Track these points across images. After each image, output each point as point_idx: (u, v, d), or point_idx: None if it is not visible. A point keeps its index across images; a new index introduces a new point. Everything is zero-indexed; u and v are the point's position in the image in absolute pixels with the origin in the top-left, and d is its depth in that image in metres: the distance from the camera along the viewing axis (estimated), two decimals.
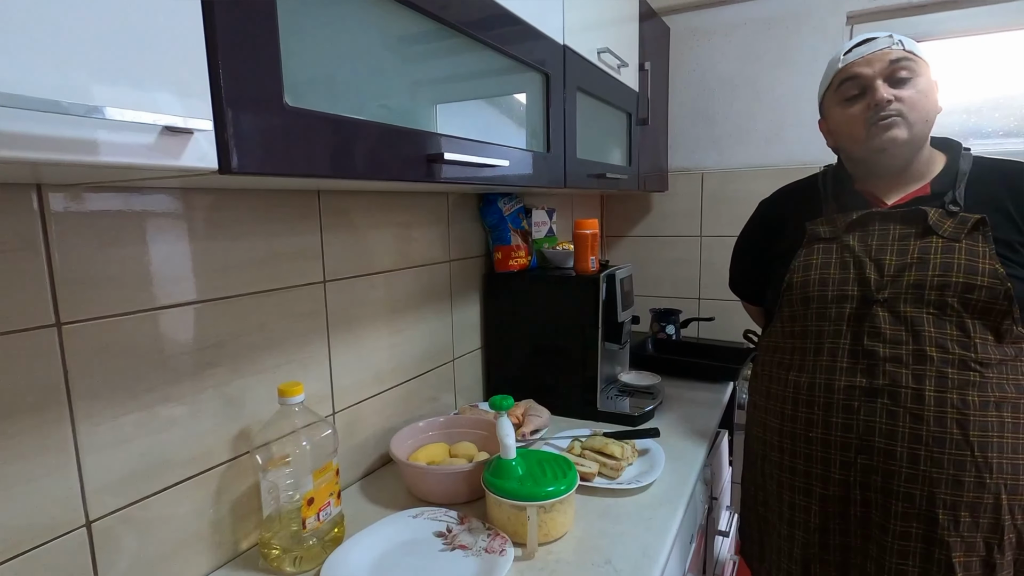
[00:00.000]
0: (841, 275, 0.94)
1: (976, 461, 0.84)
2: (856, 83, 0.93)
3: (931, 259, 0.88)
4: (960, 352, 0.85)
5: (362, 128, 0.62)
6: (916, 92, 0.90)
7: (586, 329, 1.32)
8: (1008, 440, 0.84)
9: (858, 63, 0.93)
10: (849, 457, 0.91)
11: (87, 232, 0.66)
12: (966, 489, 0.84)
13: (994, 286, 0.83)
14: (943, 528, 0.85)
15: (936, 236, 0.89)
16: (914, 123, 0.90)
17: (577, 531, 0.90)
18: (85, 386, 0.66)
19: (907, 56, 0.90)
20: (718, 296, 2.06)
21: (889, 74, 0.90)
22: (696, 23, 1.98)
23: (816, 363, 0.96)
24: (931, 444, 0.85)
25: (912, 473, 0.86)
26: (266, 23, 0.51)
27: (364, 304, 1.08)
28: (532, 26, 0.97)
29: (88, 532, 0.67)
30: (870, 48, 0.92)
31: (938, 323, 0.87)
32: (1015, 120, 1.70)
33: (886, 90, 0.90)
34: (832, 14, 1.80)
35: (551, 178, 1.09)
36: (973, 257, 0.86)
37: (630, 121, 1.61)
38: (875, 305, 0.90)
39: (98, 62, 0.38)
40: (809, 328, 0.97)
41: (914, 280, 0.88)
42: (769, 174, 1.92)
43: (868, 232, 0.94)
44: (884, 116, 0.90)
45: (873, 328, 0.90)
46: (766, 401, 1.05)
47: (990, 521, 0.84)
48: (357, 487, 1.07)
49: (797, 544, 0.99)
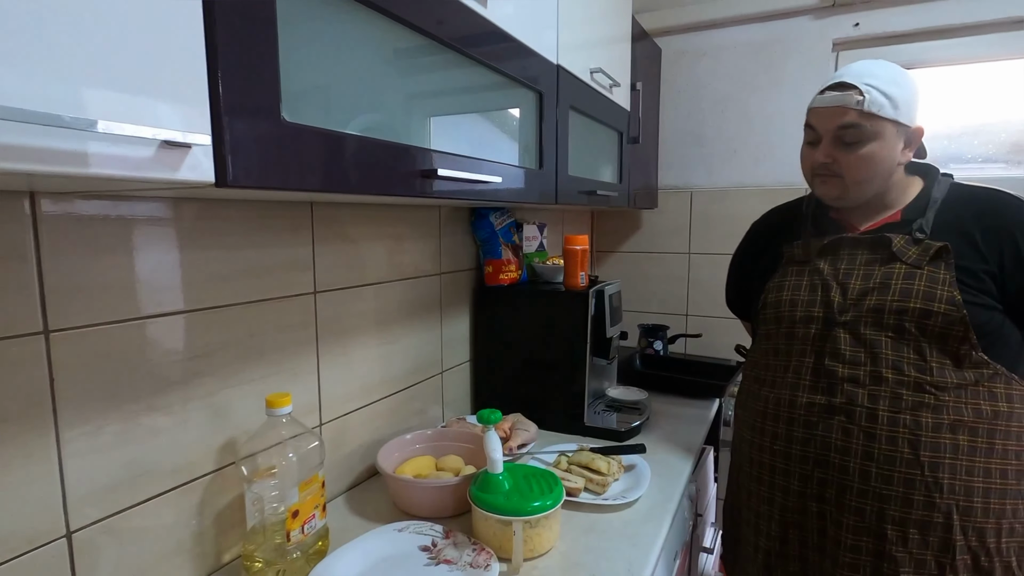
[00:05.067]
0: (810, 297, 0.98)
1: (926, 480, 0.86)
2: (812, 132, 0.97)
3: (892, 284, 0.90)
4: (916, 375, 0.88)
5: (357, 144, 0.63)
6: (856, 157, 0.91)
7: (575, 344, 1.33)
8: (962, 462, 0.86)
9: (818, 112, 0.94)
10: (807, 470, 0.95)
11: (78, 240, 0.66)
12: (915, 507, 0.86)
13: (950, 313, 0.86)
14: (891, 543, 0.87)
15: (900, 262, 0.91)
16: (850, 184, 0.94)
17: (562, 546, 0.90)
18: (71, 394, 0.66)
19: (857, 123, 0.90)
20: (706, 313, 2.08)
21: (835, 136, 0.93)
22: (687, 45, 2.02)
23: (783, 380, 1.00)
24: (882, 462, 0.88)
25: (864, 488, 0.89)
26: (266, 39, 0.52)
27: (354, 316, 1.08)
28: (526, 45, 0.99)
29: (69, 543, 0.67)
30: (830, 101, 0.92)
31: (896, 346, 0.89)
32: (994, 146, 1.75)
33: (825, 152, 0.94)
34: (819, 41, 1.85)
35: (543, 194, 1.11)
36: (933, 284, 0.88)
37: (621, 139, 1.63)
38: (837, 327, 0.93)
39: (99, 76, 0.39)
40: (780, 346, 1.01)
41: (874, 304, 0.91)
42: (757, 194, 1.96)
43: (838, 256, 0.98)
44: (822, 168, 0.95)
45: (834, 349, 0.93)
46: (743, 414, 1.09)
47: (940, 540, 0.86)
48: (343, 499, 1.06)
49: (760, 552, 1.03)
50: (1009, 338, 0.89)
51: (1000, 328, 0.88)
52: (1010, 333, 0.90)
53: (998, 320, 0.88)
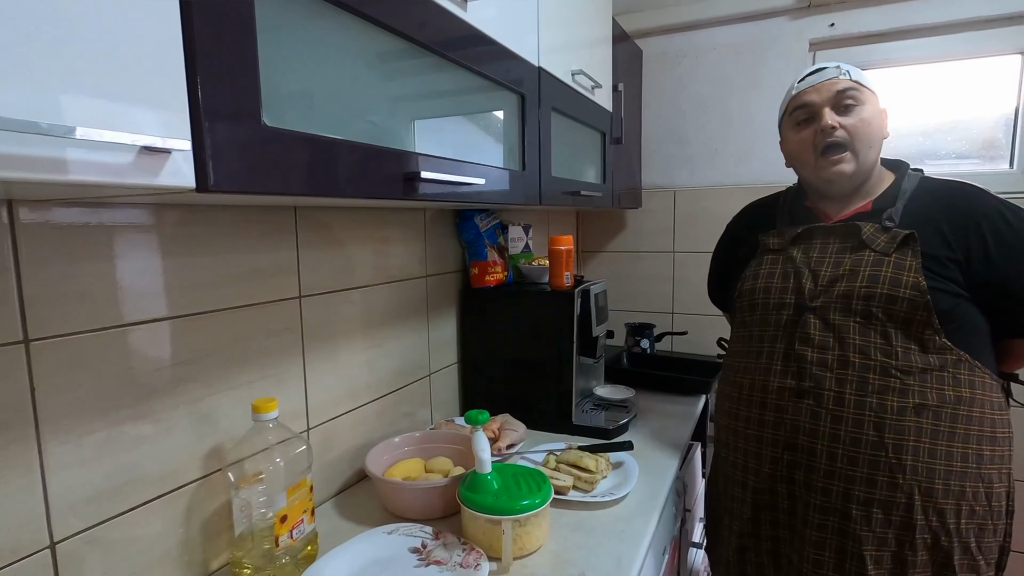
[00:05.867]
0: (782, 284, 1.01)
1: (890, 462, 0.88)
2: (806, 110, 1.00)
3: (861, 271, 0.93)
4: (882, 359, 0.90)
5: (339, 147, 0.64)
6: (859, 120, 0.96)
7: (561, 344, 1.34)
8: (925, 444, 0.88)
9: (808, 91, 1.00)
10: (777, 453, 0.98)
11: (57, 247, 0.65)
12: (879, 488, 0.89)
13: (915, 298, 0.88)
14: (855, 523, 0.90)
15: (869, 250, 0.94)
16: (859, 151, 0.97)
17: (552, 544, 0.91)
18: (53, 404, 0.65)
19: (852, 86, 0.97)
20: (691, 311, 2.10)
21: (835, 102, 0.97)
22: (667, 47, 2.05)
23: (756, 365, 1.03)
24: (848, 444, 0.91)
25: (830, 470, 0.92)
26: (245, 43, 0.52)
27: (340, 319, 1.08)
28: (507, 48, 0.99)
29: (52, 554, 0.66)
30: (820, 78, 0.99)
31: (863, 331, 0.92)
32: (966, 143, 1.79)
33: (832, 117, 0.97)
34: (796, 41, 1.89)
35: (527, 195, 1.12)
36: (899, 270, 0.91)
37: (604, 140, 1.65)
38: (807, 312, 0.96)
39: (77, 82, 0.39)
40: (754, 333, 1.05)
41: (843, 290, 0.94)
42: (739, 192, 1.98)
43: (811, 245, 1.01)
44: (832, 144, 0.97)
45: (804, 334, 0.96)
46: (721, 402, 1.13)
47: (901, 519, 0.89)
48: (331, 504, 1.06)
49: (734, 534, 1.07)
50: (974, 326, 0.92)
51: (965, 316, 0.91)
52: (975, 321, 0.92)
53: (963, 307, 0.90)
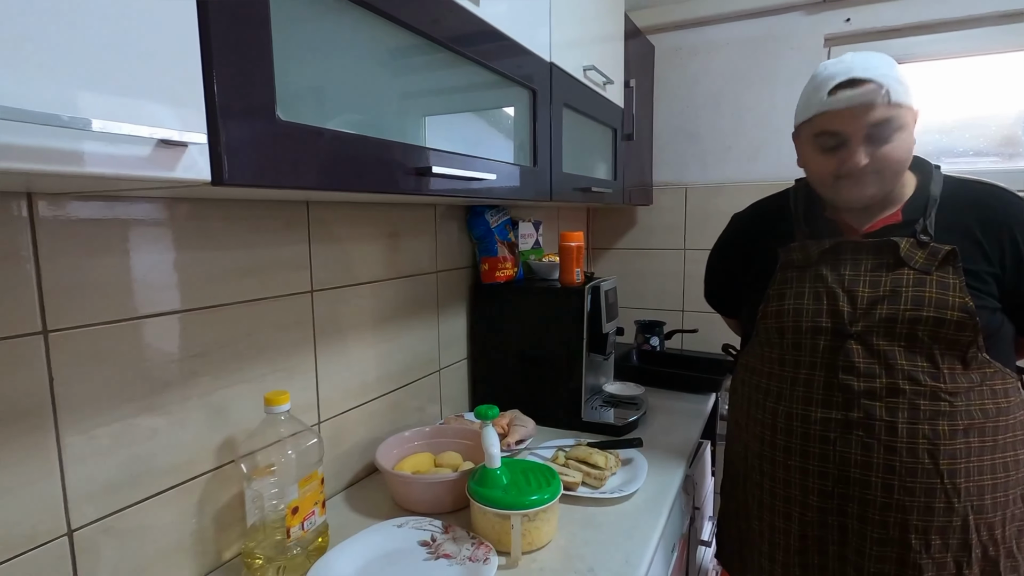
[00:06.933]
0: (815, 307, 0.94)
1: (946, 488, 0.86)
2: (836, 137, 0.89)
3: (903, 292, 0.88)
4: (931, 383, 0.87)
5: (352, 142, 0.64)
6: (895, 149, 0.87)
7: (571, 340, 1.34)
8: (974, 464, 0.87)
9: (840, 115, 0.87)
10: (827, 486, 0.93)
11: (75, 240, 0.66)
12: (936, 515, 0.87)
13: (963, 320, 0.85)
14: (915, 552, 0.87)
15: (908, 268, 0.89)
16: (887, 178, 0.89)
17: (560, 540, 0.91)
18: (70, 394, 0.66)
19: (891, 115, 0.85)
20: (702, 308, 2.08)
21: (867, 135, 0.86)
22: (680, 42, 2.03)
23: (793, 393, 0.96)
24: (904, 474, 0.87)
25: (886, 502, 0.88)
26: (260, 38, 0.52)
27: (351, 314, 1.09)
28: (519, 43, 0.99)
29: (70, 541, 0.67)
30: (855, 98, 0.85)
31: (909, 356, 0.88)
32: (984, 140, 1.76)
33: (862, 154, 0.87)
34: (811, 36, 1.86)
35: (537, 191, 1.11)
36: (944, 290, 0.86)
37: (615, 136, 1.64)
38: (848, 339, 0.91)
39: (95, 76, 0.39)
40: (786, 357, 0.98)
41: (886, 314, 0.88)
42: (751, 189, 1.95)
43: (840, 262, 0.94)
44: (851, 175, 0.88)
45: (847, 362, 0.90)
46: (747, 422, 1.06)
47: (959, 541, 0.87)
48: (342, 496, 1.07)
49: (778, 564, 1.00)
50: (1006, 335, 0.91)
51: (1000, 327, 0.89)
52: (1007, 329, 0.90)
53: (999, 320, 0.89)
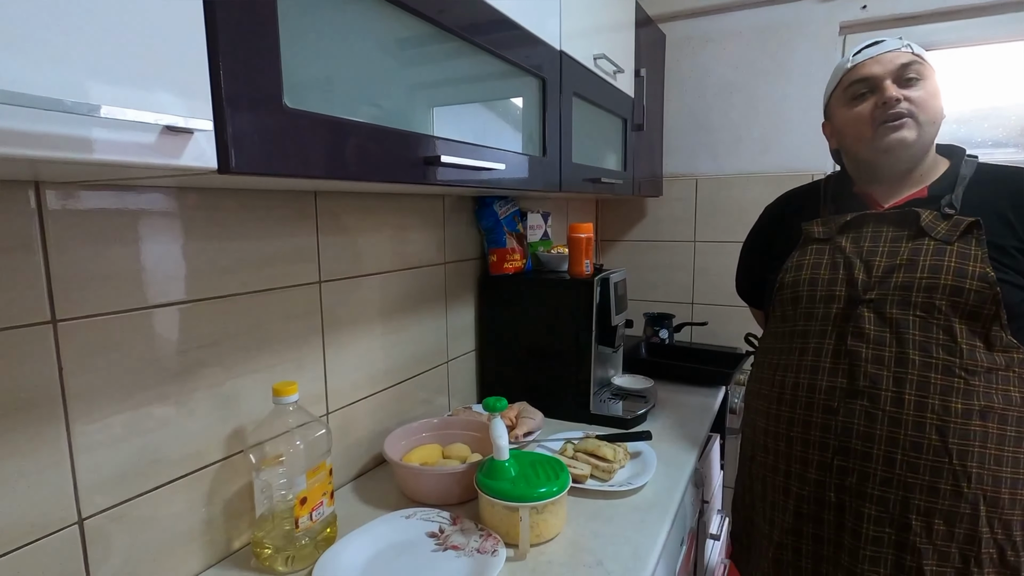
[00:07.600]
0: (831, 275, 0.94)
1: (954, 469, 0.82)
2: (866, 83, 0.93)
3: (920, 261, 0.86)
4: (945, 357, 0.84)
5: (360, 130, 0.63)
6: (925, 93, 0.90)
7: (580, 332, 1.33)
8: (991, 451, 0.82)
9: (867, 64, 0.93)
10: (826, 458, 0.91)
11: (83, 230, 0.66)
12: (942, 497, 0.83)
13: (982, 290, 0.82)
14: (915, 534, 0.84)
15: (928, 238, 0.87)
16: (923, 123, 0.90)
17: (569, 532, 0.91)
18: (79, 383, 0.66)
19: (916, 59, 0.92)
20: (711, 301, 2.07)
21: (898, 75, 0.91)
22: (691, 31, 2.00)
23: (800, 363, 0.95)
24: (908, 448, 0.84)
25: (887, 476, 0.85)
26: (267, 24, 0.52)
27: (359, 305, 1.08)
28: (529, 31, 0.98)
29: (80, 530, 0.67)
30: (879, 49, 0.93)
31: (924, 326, 0.85)
32: (1004, 131, 1.72)
33: (895, 89, 0.90)
34: (826, 24, 1.83)
35: (546, 182, 1.10)
36: (963, 260, 0.84)
37: (625, 126, 1.62)
38: (861, 305, 0.89)
39: (101, 61, 0.39)
40: (797, 328, 0.97)
41: (902, 282, 0.87)
42: (763, 180, 1.94)
43: (861, 234, 0.94)
44: (894, 115, 0.90)
45: (857, 328, 0.89)
46: (756, 402, 1.05)
47: (966, 532, 0.83)
48: (350, 487, 1.07)
49: (773, 544, 0.99)
50: None
51: None
52: None
53: None
